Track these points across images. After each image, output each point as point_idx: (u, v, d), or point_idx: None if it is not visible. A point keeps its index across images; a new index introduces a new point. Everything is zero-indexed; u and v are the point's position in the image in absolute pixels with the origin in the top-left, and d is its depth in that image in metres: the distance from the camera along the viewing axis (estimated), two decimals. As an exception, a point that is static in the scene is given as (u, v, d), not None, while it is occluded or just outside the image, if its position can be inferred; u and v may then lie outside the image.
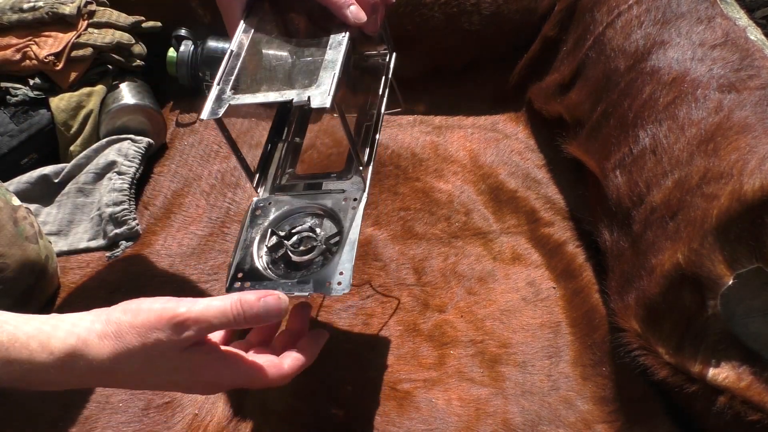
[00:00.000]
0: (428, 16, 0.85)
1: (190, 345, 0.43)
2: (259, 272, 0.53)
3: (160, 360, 0.43)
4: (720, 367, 0.54)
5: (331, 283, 0.51)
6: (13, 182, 0.79)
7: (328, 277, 0.51)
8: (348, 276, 0.51)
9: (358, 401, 0.62)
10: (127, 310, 0.43)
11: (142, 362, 0.43)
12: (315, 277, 0.52)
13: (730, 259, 0.52)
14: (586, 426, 0.61)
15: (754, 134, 0.55)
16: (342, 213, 0.55)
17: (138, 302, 0.43)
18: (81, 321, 0.43)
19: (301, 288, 0.51)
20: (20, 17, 0.83)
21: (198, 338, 0.43)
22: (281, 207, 0.57)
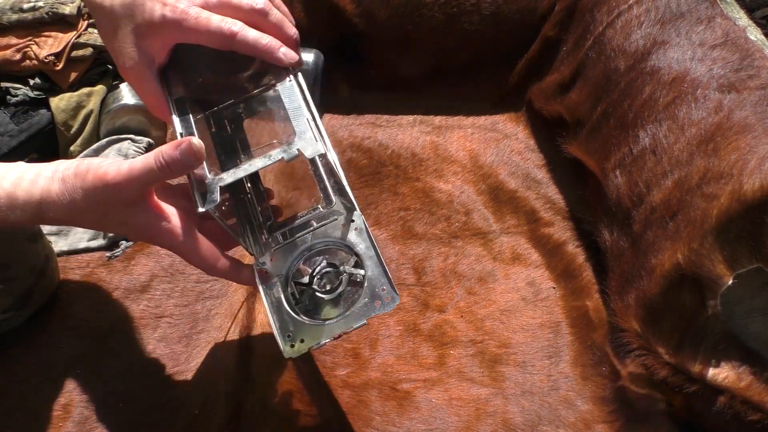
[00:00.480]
0: (428, 16, 0.85)
1: (132, 203, 0.49)
2: (305, 327, 0.52)
3: (108, 216, 0.49)
4: (720, 367, 0.54)
5: (380, 301, 0.51)
6: (13, 182, 0.79)
7: (373, 298, 0.51)
8: (389, 287, 0.51)
9: (358, 401, 0.62)
10: (78, 174, 0.48)
11: (94, 218, 0.50)
12: (360, 304, 0.52)
13: (730, 259, 0.52)
14: (586, 426, 0.61)
15: (754, 134, 0.55)
16: (349, 237, 0.54)
17: (87, 164, 0.48)
18: (40, 179, 0.49)
19: (357, 318, 0.51)
20: (20, 17, 0.83)
21: (137, 196, 0.48)
22: (288, 257, 0.55)
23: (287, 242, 0.56)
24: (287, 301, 0.53)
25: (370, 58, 0.89)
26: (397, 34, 0.66)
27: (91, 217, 0.50)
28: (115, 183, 0.47)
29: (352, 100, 0.90)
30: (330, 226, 0.56)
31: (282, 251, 0.55)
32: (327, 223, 0.56)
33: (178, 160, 0.47)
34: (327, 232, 0.55)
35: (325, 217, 0.56)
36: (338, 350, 0.66)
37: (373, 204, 0.79)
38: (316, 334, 0.51)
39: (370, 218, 0.77)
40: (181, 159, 0.47)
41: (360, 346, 0.66)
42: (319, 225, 0.56)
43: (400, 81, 0.91)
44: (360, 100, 0.90)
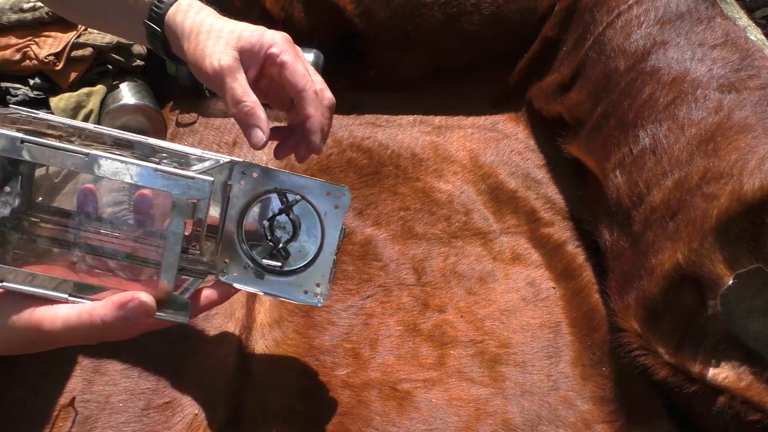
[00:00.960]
0: (428, 17, 0.85)
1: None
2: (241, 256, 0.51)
3: (48, 347, 0.45)
4: (720, 367, 0.54)
5: (308, 291, 0.51)
6: (13, 182, 0.79)
7: (303, 284, 0.51)
8: (325, 288, 0.51)
9: (358, 401, 0.62)
10: (4, 311, 0.43)
11: (31, 350, 0.45)
12: (291, 280, 0.51)
13: (730, 259, 0.52)
14: (585, 426, 0.61)
15: (754, 134, 0.55)
16: (324, 209, 0.51)
17: (11, 305, 0.43)
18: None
19: (278, 290, 0.51)
20: (20, 17, 0.83)
21: (79, 343, 0.44)
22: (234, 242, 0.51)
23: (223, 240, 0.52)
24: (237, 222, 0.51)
25: (370, 58, 0.89)
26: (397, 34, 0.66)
27: (35, 350, 0.45)
28: (50, 332, 0.42)
29: (352, 100, 0.90)
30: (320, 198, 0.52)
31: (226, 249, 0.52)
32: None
33: (121, 319, 0.41)
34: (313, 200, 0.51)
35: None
36: (338, 350, 0.66)
37: (373, 204, 0.79)
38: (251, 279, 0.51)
39: (370, 218, 0.77)
40: (127, 316, 0.41)
41: (360, 346, 0.66)
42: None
43: (400, 81, 0.91)
44: (360, 100, 0.90)
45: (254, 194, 0.51)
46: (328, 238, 0.51)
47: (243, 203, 0.51)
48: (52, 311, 0.43)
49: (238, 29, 0.53)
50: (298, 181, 0.51)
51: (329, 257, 0.51)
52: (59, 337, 0.43)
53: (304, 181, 0.51)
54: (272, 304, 0.69)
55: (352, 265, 0.73)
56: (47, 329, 0.42)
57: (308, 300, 0.52)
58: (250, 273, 0.51)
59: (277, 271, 0.52)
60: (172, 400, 0.62)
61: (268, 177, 0.50)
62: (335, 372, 0.64)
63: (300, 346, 0.65)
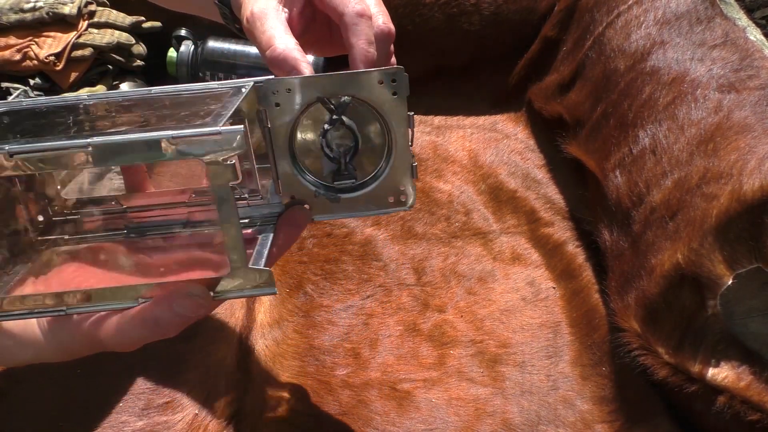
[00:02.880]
0: (428, 17, 0.85)
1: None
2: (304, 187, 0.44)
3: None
4: (720, 366, 0.54)
5: (393, 197, 0.44)
6: (14, 182, 0.79)
7: (385, 191, 0.44)
8: (411, 188, 0.44)
9: (358, 401, 0.62)
10: (63, 328, 0.41)
11: (90, 353, 0.42)
12: (370, 192, 0.44)
13: (730, 259, 0.52)
14: (585, 426, 0.61)
15: (753, 134, 0.55)
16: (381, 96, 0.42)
17: (67, 322, 0.41)
18: (28, 338, 0.41)
19: (362, 207, 0.44)
20: (20, 17, 0.83)
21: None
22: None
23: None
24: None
25: (370, 58, 0.89)
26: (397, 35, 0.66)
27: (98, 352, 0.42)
28: (109, 343, 0.39)
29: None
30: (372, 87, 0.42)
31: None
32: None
33: (181, 317, 0.38)
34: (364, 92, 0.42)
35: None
36: (338, 350, 0.66)
37: (373, 204, 0.79)
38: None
39: (370, 218, 0.77)
40: (185, 314, 0.38)
41: (360, 346, 0.66)
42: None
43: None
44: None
45: (296, 112, 0.42)
46: (397, 131, 0.43)
47: (286, 127, 0.43)
48: (106, 322, 0.39)
49: None
50: (340, 80, 0.42)
51: (405, 152, 0.43)
52: (115, 345, 0.39)
53: (347, 78, 0.42)
54: (272, 304, 0.69)
55: (352, 265, 0.73)
56: (101, 338, 0.39)
57: (397, 207, 0.45)
58: (322, 201, 0.45)
59: (352, 187, 0.45)
60: (172, 400, 0.62)
61: (304, 87, 0.42)
62: (335, 372, 0.64)
63: (300, 346, 0.65)
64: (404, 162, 0.44)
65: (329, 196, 0.44)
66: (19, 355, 0.41)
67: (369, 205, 0.45)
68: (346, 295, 0.70)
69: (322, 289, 0.71)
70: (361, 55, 0.42)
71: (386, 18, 0.44)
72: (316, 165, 0.44)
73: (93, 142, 0.34)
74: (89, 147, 0.34)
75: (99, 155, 0.34)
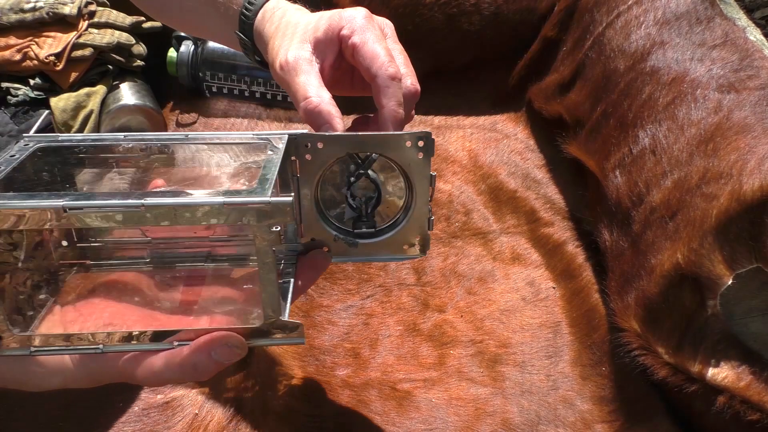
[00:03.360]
0: (428, 17, 0.85)
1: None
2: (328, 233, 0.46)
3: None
4: (719, 366, 0.54)
5: (408, 246, 0.46)
6: (14, 182, 0.79)
7: (401, 240, 0.46)
8: (426, 238, 0.46)
9: (358, 401, 0.62)
10: (95, 361, 0.41)
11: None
12: (387, 240, 0.46)
13: (730, 259, 0.52)
14: (585, 425, 0.61)
15: (753, 134, 0.55)
16: (407, 154, 0.44)
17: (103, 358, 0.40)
18: (57, 366, 0.41)
19: (378, 253, 0.46)
20: (20, 17, 0.83)
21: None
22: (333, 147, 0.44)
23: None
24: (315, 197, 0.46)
25: (370, 58, 0.89)
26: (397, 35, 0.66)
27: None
28: (144, 383, 0.40)
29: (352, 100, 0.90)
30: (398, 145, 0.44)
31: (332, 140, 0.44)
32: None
33: (218, 364, 0.38)
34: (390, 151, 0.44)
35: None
36: (338, 350, 0.66)
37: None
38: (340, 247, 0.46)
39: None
40: (221, 362, 0.39)
41: (360, 346, 0.66)
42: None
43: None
44: (360, 101, 0.90)
45: (327, 165, 0.44)
46: (419, 188, 0.45)
47: (315, 177, 0.45)
48: (143, 364, 0.39)
49: (314, 18, 0.47)
50: (371, 140, 0.44)
51: (423, 206, 0.46)
52: (150, 385, 0.41)
53: (378, 138, 0.44)
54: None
55: (352, 265, 0.73)
56: (138, 378, 0.39)
57: (411, 255, 0.47)
58: (341, 244, 0.47)
59: (370, 234, 0.47)
60: (172, 400, 0.62)
61: (335, 143, 0.44)
62: (335, 372, 0.64)
63: (300, 346, 0.65)
64: (422, 215, 0.46)
65: (348, 241, 0.47)
66: (46, 382, 0.41)
67: (385, 251, 0.47)
68: (346, 295, 0.70)
69: (322, 289, 0.71)
70: (391, 116, 0.44)
71: (414, 79, 0.47)
72: (338, 210, 0.47)
73: (146, 203, 0.34)
74: (142, 207, 0.35)
75: (151, 216, 0.35)
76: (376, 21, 0.47)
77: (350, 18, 0.45)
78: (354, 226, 0.47)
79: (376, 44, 0.44)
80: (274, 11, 0.50)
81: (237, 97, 0.89)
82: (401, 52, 0.47)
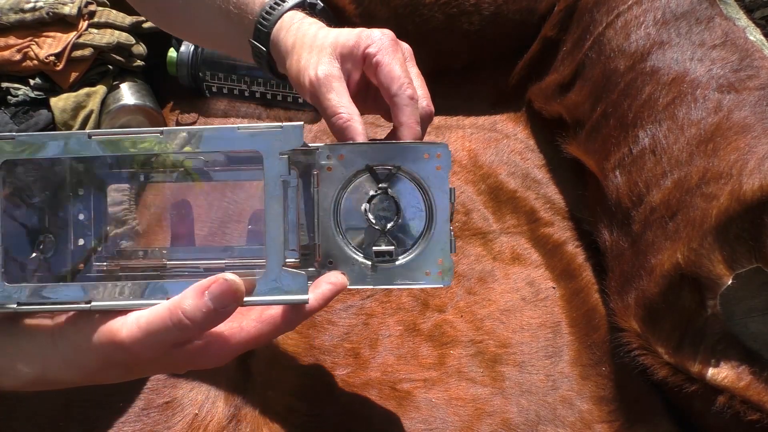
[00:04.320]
0: (428, 17, 0.85)
1: (157, 357, 0.38)
2: (345, 254, 0.44)
3: (133, 370, 0.40)
4: (719, 366, 0.54)
5: (429, 272, 0.44)
6: (14, 182, 0.79)
7: (422, 265, 0.44)
8: (448, 263, 0.44)
9: (358, 401, 0.62)
10: (80, 329, 0.38)
11: (108, 376, 0.40)
12: (407, 264, 0.44)
13: (730, 259, 0.52)
14: (585, 425, 0.61)
15: (753, 134, 0.55)
16: (423, 172, 0.44)
17: (87, 318, 0.38)
18: (36, 348, 0.39)
19: (399, 279, 0.44)
20: (20, 17, 0.83)
21: (162, 352, 0.38)
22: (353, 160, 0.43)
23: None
24: (334, 213, 0.45)
25: (370, 58, 0.89)
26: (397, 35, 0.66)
27: (113, 374, 0.40)
28: (126, 341, 0.36)
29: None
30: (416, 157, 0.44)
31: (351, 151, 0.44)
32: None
33: (210, 312, 0.35)
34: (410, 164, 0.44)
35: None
36: (338, 350, 0.66)
37: (373, 204, 0.79)
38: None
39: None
40: (215, 308, 0.35)
41: (360, 346, 0.66)
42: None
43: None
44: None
45: (347, 178, 0.44)
46: (438, 205, 0.44)
47: (335, 192, 0.44)
48: (126, 318, 0.37)
49: (340, 34, 0.49)
50: (389, 151, 0.44)
51: (444, 226, 0.44)
52: (137, 349, 0.36)
53: (395, 149, 0.44)
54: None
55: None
56: (122, 338, 0.36)
57: (434, 282, 0.45)
58: (359, 269, 0.45)
59: (390, 259, 0.45)
60: (172, 400, 0.62)
61: (355, 155, 0.43)
62: (335, 372, 0.64)
63: (300, 345, 0.65)
64: (443, 236, 0.44)
65: (367, 264, 0.45)
66: (24, 369, 0.38)
67: (405, 277, 0.45)
68: (346, 295, 0.70)
69: (322, 289, 0.71)
70: (410, 134, 0.46)
71: (429, 101, 0.49)
72: (356, 233, 0.45)
73: (164, 130, 0.38)
74: (161, 134, 0.37)
75: (180, 141, 0.37)
76: (400, 45, 0.50)
77: (378, 38, 0.48)
78: (373, 248, 0.45)
79: (398, 66, 0.47)
80: (291, 23, 0.52)
81: (237, 97, 0.89)
82: (418, 75, 0.50)
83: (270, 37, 0.52)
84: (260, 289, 0.38)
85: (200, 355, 0.39)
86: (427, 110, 0.49)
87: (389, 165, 0.44)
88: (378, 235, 0.45)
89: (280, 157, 0.37)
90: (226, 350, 0.39)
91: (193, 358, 0.39)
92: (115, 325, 0.37)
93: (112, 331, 0.36)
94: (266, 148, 0.37)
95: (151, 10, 0.62)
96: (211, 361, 0.39)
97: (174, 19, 0.62)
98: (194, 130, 0.37)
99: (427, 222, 0.45)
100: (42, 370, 0.39)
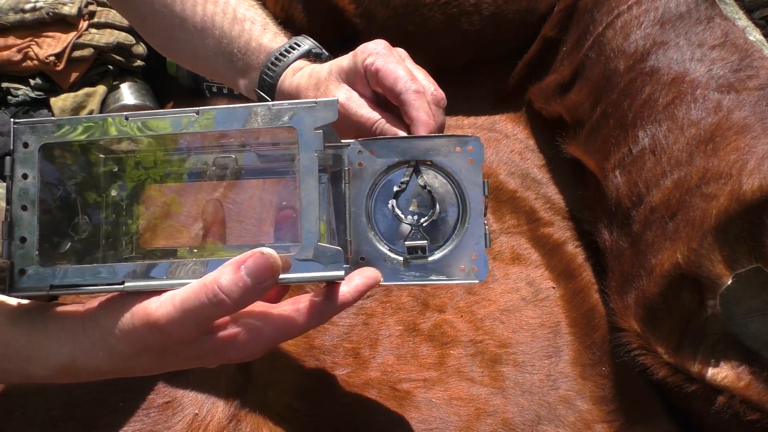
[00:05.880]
0: (428, 17, 0.85)
1: (192, 339, 0.37)
2: (377, 250, 0.44)
3: (156, 358, 0.39)
4: (719, 366, 0.54)
5: (464, 268, 0.43)
6: (14, 182, 0.79)
7: (457, 261, 0.43)
8: (483, 259, 0.43)
9: (358, 401, 0.62)
10: (111, 313, 0.38)
11: (137, 364, 0.39)
12: (441, 260, 0.43)
13: (730, 259, 0.52)
14: (585, 425, 0.61)
15: (753, 134, 0.55)
16: (456, 164, 0.43)
17: (121, 301, 0.38)
18: (66, 334, 0.38)
19: (432, 275, 0.43)
20: (20, 17, 0.83)
21: (196, 334, 0.37)
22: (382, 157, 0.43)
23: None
24: (366, 208, 0.44)
25: (370, 58, 0.89)
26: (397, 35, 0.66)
27: (143, 361, 0.39)
28: (160, 320, 0.35)
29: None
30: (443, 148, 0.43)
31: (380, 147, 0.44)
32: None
33: (248, 287, 0.34)
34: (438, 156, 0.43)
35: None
36: (338, 350, 0.66)
37: (373, 204, 0.79)
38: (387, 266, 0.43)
39: (370, 218, 0.77)
40: (252, 283, 0.34)
41: (360, 346, 0.66)
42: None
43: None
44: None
45: (378, 174, 0.44)
46: (472, 199, 0.43)
47: (367, 188, 0.44)
48: (160, 297, 0.36)
49: (337, 61, 0.51)
50: (421, 144, 0.43)
51: (478, 220, 0.43)
52: (171, 328, 0.35)
53: (427, 142, 0.43)
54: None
55: (352, 265, 0.73)
56: (157, 317, 0.35)
57: (468, 278, 0.44)
58: (392, 265, 0.44)
59: (423, 255, 0.44)
60: (172, 400, 0.62)
61: (387, 149, 0.43)
62: (335, 372, 0.64)
63: (300, 346, 0.65)
64: (477, 230, 0.44)
65: (399, 260, 0.44)
66: (53, 355, 0.38)
67: (439, 273, 0.44)
68: (346, 295, 0.70)
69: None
70: (424, 126, 0.46)
71: (436, 87, 0.50)
72: (388, 229, 0.45)
73: (200, 109, 0.38)
74: (196, 114, 0.38)
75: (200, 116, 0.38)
76: (394, 49, 0.51)
77: (372, 48, 0.49)
78: (406, 245, 0.44)
79: (397, 66, 0.48)
80: (295, 72, 0.54)
81: (237, 97, 0.89)
82: (420, 69, 0.51)
83: (276, 88, 0.55)
84: (296, 266, 0.38)
85: (232, 346, 0.38)
86: (438, 96, 0.49)
87: (421, 159, 0.43)
88: (411, 230, 0.44)
89: (315, 132, 0.37)
90: (259, 340, 0.38)
91: (225, 348, 0.38)
92: (150, 305, 0.36)
93: (146, 312, 0.36)
94: (301, 123, 0.37)
95: (157, 42, 0.64)
96: (243, 352, 0.39)
97: (182, 53, 0.64)
98: (228, 108, 0.38)
99: (460, 216, 0.44)
100: (71, 358, 0.38)
